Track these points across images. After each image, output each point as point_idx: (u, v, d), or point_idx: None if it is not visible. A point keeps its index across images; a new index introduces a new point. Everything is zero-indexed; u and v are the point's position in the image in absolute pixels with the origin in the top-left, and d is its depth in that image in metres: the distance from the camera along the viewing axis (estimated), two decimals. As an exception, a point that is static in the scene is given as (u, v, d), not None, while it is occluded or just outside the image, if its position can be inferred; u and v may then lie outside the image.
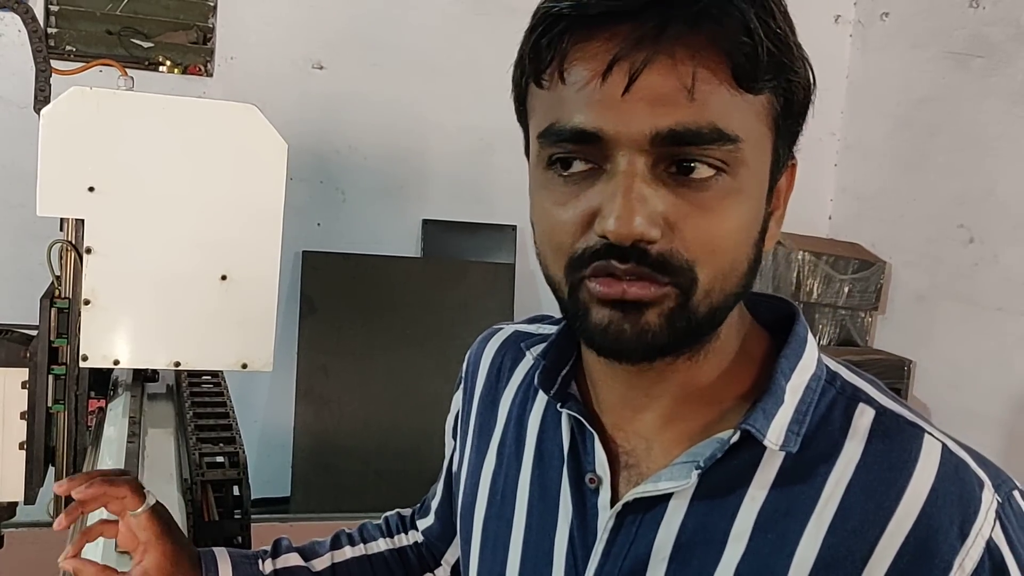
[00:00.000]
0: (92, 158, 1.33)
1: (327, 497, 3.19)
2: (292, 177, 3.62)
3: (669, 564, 0.65)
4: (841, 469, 0.62)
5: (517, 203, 3.54)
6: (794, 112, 0.62)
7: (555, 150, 0.61)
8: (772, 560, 0.62)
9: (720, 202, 0.59)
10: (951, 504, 0.60)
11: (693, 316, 0.60)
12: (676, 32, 0.56)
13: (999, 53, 3.10)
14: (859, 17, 3.80)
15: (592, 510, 0.69)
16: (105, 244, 1.35)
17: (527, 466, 0.75)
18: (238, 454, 1.14)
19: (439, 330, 3.37)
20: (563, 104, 0.59)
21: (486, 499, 0.78)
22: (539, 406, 0.76)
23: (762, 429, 0.62)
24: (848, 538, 0.61)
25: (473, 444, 0.82)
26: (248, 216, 1.41)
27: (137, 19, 3.16)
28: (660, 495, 0.65)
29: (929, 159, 3.39)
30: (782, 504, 0.63)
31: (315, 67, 3.28)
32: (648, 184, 0.58)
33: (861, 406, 0.65)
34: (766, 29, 0.57)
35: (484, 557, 0.78)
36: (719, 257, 0.60)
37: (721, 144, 0.57)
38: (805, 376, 0.66)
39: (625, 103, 0.57)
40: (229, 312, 1.41)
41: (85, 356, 1.35)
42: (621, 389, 0.68)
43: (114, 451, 1.15)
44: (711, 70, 0.57)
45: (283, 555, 0.95)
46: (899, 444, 0.63)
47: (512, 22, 3.33)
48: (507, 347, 0.83)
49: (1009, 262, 3.04)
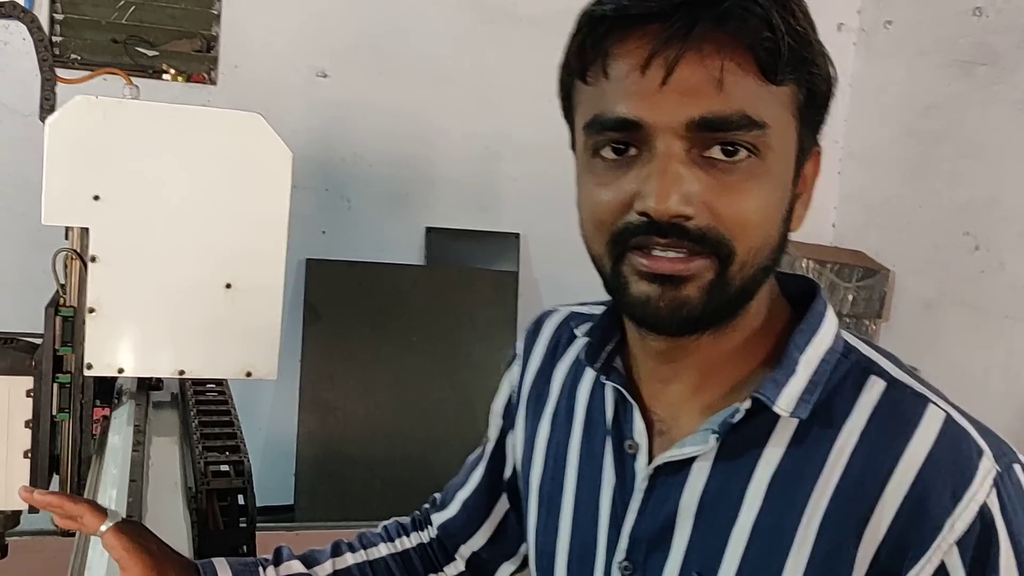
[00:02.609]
0: (97, 167, 1.33)
1: (332, 505, 3.18)
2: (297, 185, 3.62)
3: (695, 520, 0.72)
4: (847, 435, 0.68)
5: (521, 211, 3.57)
6: (816, 103, 0.68)
7: (599, 138, 0.67)
8: (784, 518, 0.68)
9: (751, 183, 0.65)
10: (946, 469, 0.64)
11: (728, 289, 0.66)
12: (704, 30, 0.62)
13: (1004, 61, 3.10)
14: (862, 25, 3.80)
15: (630, 473, 0.76)
16: (110, 253, 1.34)
17: (576, 434, 0.83)
18: (243, 463, 1.14)
19: (443, 338, 3.37)
20: (606, 96, 0.66)
21: (541, 463, 0.87)
22: (588, 380, 0.84)
23: (772, 397, 0.68)
24: (851, 499, 0.66)
25: (528, 414, 0.90)
26: (253, 224, 1.41)
27: (142, 28, 3.17)
28: (685, 459, 0.72)
29: (934, 167, 3.38)
30: (793, 467, 0.69)
31: (319, 75, 3.29)
32: (684, 166, 0.64)
33: (872, 378, 0.70)
34: (787, 26, 0.63)
35: (540, 514, 0.86)
36: (752, 232, 0.65)
37: (749, 130, 0.64)
38: (821, 349, 0.71)
39: (662, 94, 0.63)
40: (234, 320, 1.40)
41: (90, 364, 1.35)
42: (652, 363, 0.75)
43: (119, 460, 1.15)
44: (738, 63, 0.63)
45: (285, 562, 0.95)
46: (902, 412, 0.67)
47: (517, 31, 3.35)
48: (563, 327, 0.90)
49: (1016, 269, 3.03)
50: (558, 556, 0.84)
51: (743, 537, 0.70)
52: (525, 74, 3.45)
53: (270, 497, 3.34)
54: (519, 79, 3.43)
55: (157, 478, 1.10)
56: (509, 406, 0.95)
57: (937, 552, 0.63)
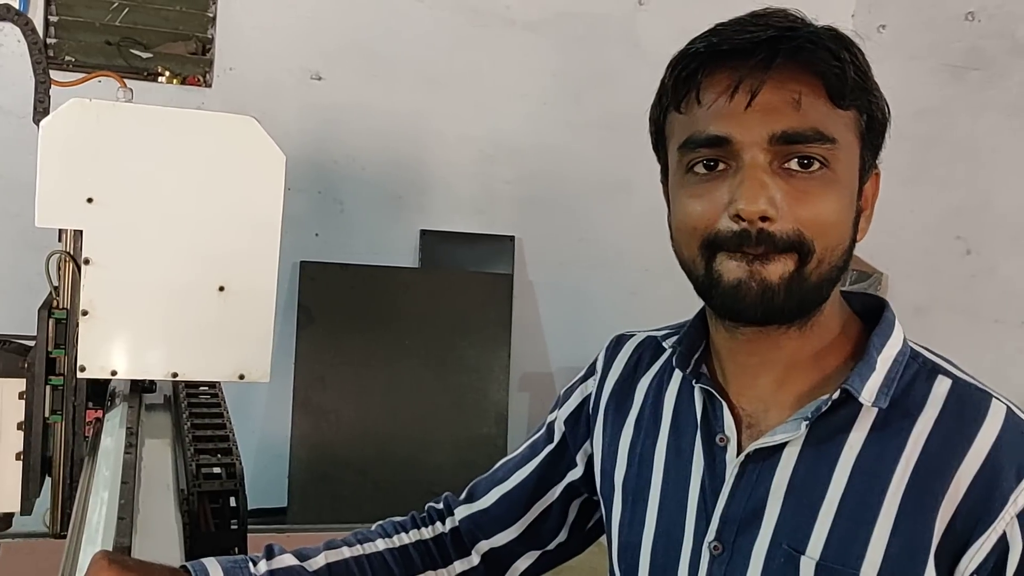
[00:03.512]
0: (91, 169, 1.33)
1: (324, 508, 3.18)
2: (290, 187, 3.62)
3: (784, 501, 0.81)
4: (923, 424, 0.78)
5: (516, 214, 3.57)
6: (875, 128, 0.81)
7: (693, 155, 0.79)
8: (868, 496, 0.78)
9: (825, 190, 0.77)
10: (1012, 452, 0.76)
11: (807, 282, 0.77)
12: (781, 62, 0.75)
13: (995, 66, 3.12)
14: (856, 29, 3.75)
15: (721, 463, 0.86)
16: (103, 255, 1.35)
17: (664, 434, 0.93)
18: (235, 465, 1.14)
19: (437, 340, 3.37)
20: (698, 120, 0.79)
21: (625, 463, 0.96)
22: (674, 386, 0.94)
23: (858, 389, 0.79)
24: (929, 477, 0.76)
25: (607, 423, 0.99)
26: (246, 227, 1.41)
27: (136, 30, 3.17)
28: (776, 445, 0.82)
29: (926, 171, 3.39)
30: (875, 451, 0.79)
31: (314, 78, 3.29)
32: (768, 176, 0.76)
33: (940, 377, 0.81)
34: (851, 59, 0.76)
35: (625, 509, 0.95)
36: (829, 232, 0.77)
37: (822, 143, 0.76)
38: (893, 351, 0.82)
39: (747, 115, 0.76)
40: (227, 323, 1.41)
41: (83, 367, 1.35)
42: (742, 358, 0.85)
43: (111, 462, 1.15)
44: (811, 88, 0.76)
45: (277, 556, 0.95)
46: (971, 405, 0.78)
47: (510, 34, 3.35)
48: (644, 347, 1.01)
49: (1007, 273, 3.05)
50: (643, 545, 0.92)
51: (831, 513, 0.79)
52: (518, 77, 3.47)
53: (263, 499, 3.34)
54: (512, 82, 3.44)
55: (149, 480, 1.10)
56: (580, 415, 1.04)
57: (1001, 523, 0.74)
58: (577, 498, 1.05)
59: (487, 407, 3.38)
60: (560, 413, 1.06)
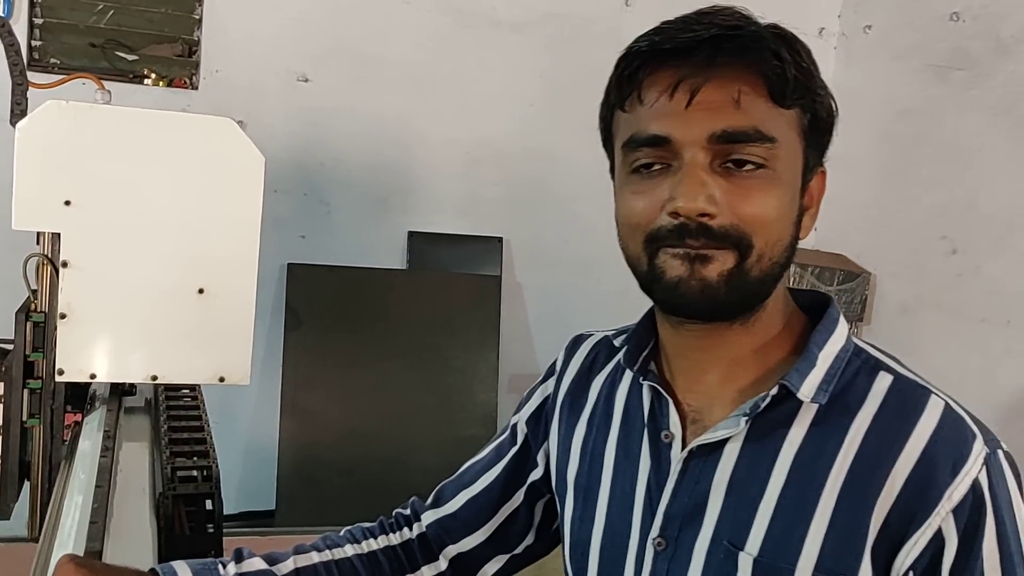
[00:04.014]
0: (68, 172, 1.33)
1: (312, 510, 3.17)
2: (276, 189, 3.61)
3: (725, 497, 0.82)
4: (862, 420, 0.79)
5: (503, 215, 3.57)
6: (819, 127, 0.81)
7: (636, 154, 0.80)
8: (806, 492, 0.79)
9: (765, 188, 0.78)
10: (947, 448, 0.76)
11: (747, 277, 0.78)
12: (723, 61, 0.76)
13: (980, 66, 3.13)
14: (843, 30, 3.83)
15: (666, 460, 0.87)
16: (81, 258, 1.34)
17: (614, 432, 0.94)
18: (211, 467, 1.14)
19: (425, 342, 3.37)
20: (641, 119, 0.80)
21: (577, 461, 0.97)
22: (624, 384, 0.95)
23: (797, 385, 0.80)
24: (866, 473, 0.77)
25: (562, 422, 1.01)
26: (225, 229, 1.41)
27: (122, 32, 3.16)
28: (718, 441, 0.83)
29: (912, 170, 3.40)
30: (814, 446, 0.80)
31: (300, 80, 3.28)
32: (707, 174, 0.77)
33: (881, 373, 0.82)
34: (793, 58, 0.77)
35: (576, 506, 0.95)
36: (768, 230, 0.78)
37: (762, 142, 0.77)
38: (835, 347, 0.83)
39: (688, 113, 0.77)
40: (206, 325, 1.40)
41: (61, 370, 1.34)
42: (689, 354, 0.86)
43: (87, 465, 1.14)
44: (752, 87, 0.76)
45: (246, 560, 0.95)
46: (909, 400, 0.79)
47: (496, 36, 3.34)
48: (600, 346, 1.02)
49: (992, 273, 3.05)
50: (593, 542, 0.93)
51: (770, 508, 0.80)
52: (505, 79, 3.46)
53: (251, 502, 3.34)
54: (499, 84, 3.44)
55: (125, 484, 1.10)
56: (541, 416, 1.05)
57: (936, 518, 0.75)
58: (541, 499, 1.06)
59: (475, 409, 3.38)
60: (522, 414, 1.07)
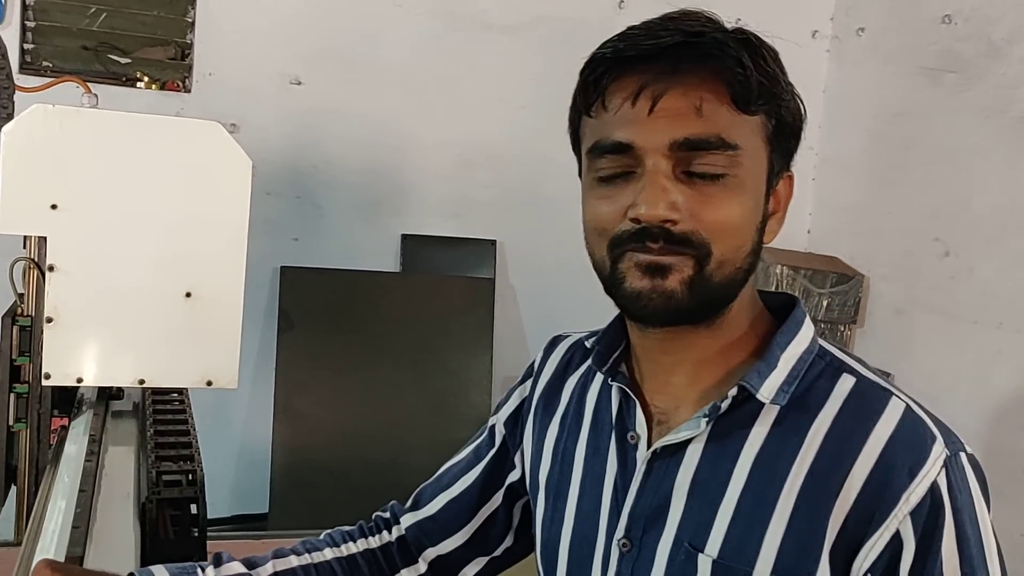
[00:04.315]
0: (55, 176, 1.33)
1: (305, 513, 3.17)
2: (269, 192, 3.61)
3: (688, 498, 0.82)
4: (822, 421, 0.79)
5: (497, 218, 3.57)
6: (785, 132, 0.81)
7: (600, 160, 0.81)
8: (765, 493, 0.79)
9: (727, 194, 0.77)
10: (905, 449, 0.76)
11: (708, 284, 0.78)
12: (687, 68, 0.76)
13: (971, 68, 3.13)
14: (836, 33, 3.83)
15: (632, 461, 0.87)
16: (68, 262, 1.34)
17: (584, 432, 0.94)
18: (196, 471, 1.13)
19: (418, 345, 3.37)
20: (605, 125, 0.80)
21: (549, 462, 0.97)
22: (596, 386, 0.95)
23: (756, 386, 0.80)
24: (825, 474, 0.77)
25: (536, 422, 1.01)
26: (213, 233, 1.41)
27: (114, 35, 3.16)
28: (681, 442, 0.83)
29: (905, 173, 3.41)
30: (775, 448, 0.80)
31: (293, 83, 3.28)
32: (669, 181, 0.77)
33: (844, 375, 0.82)
34: (757, 65, 0.77)
35: (547, 507, 0.96)
36: (729, 236, 0.78)
37: (724, 150, 0.77)
38: (799, 349, 0.83)
39: (650, 121, 0.77)
40: (194, 329, 1.40)
41: (48, 374, 1.34)
42: (656, 356, 0.87)
43: (72, 469, 1.14)
44: (715, 95, 0.76)
45: (225, 564, 0.95)
46: (870, 402, 0.79)
47: (488, 38, 3.34)
48: (575, 348, 1.02)
49: (984, 275, 3.06)
50: (562, 542, 0.93)
51: (729, 510, 0.80)
52: (496, 82, 3.47)
53: (245, 505, 3.33)
54: (490, 87, 3.44)
55: (110, 488, 1.10)
56: (518, 417, 1.05)
57: (894, 521, 0.74)
58: (519, 501, 1.06)
59: (468, 411, 3.37)
60: (500, 416, 1.07)
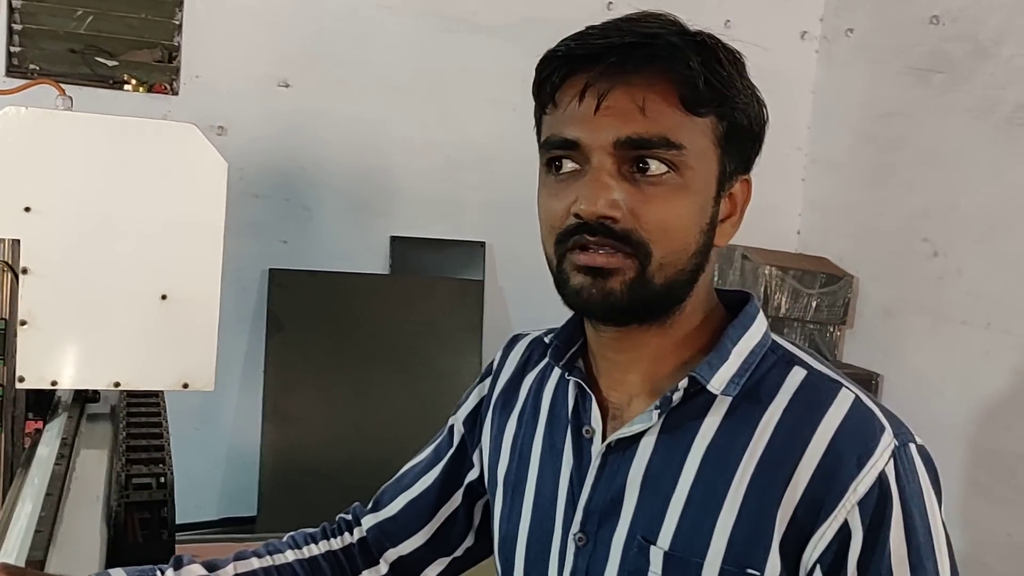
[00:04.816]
0: (28, 178, 1.33)
1: (294, 515, 3.15)
2: (257, 195, 3.61)
3: (640, 491, 0.83)
4: (772, 412, 0.80)
5: (486, 220, 3.57)
6: (739, 135, 0.81)
7: (550, 156, 0.82)
8: (716, 484, 0.79)
9: (670, 195, 0.78)
10: (854, 440, 0.76)
11: (650, 285, 0.78)
12: (633, 68, 0.77)
13: (959, 69, 3.13)
14: (825, 33, 3.83)
15: (587, 455, 0.88)
16: (42, 264, 1.34)
17: (541, 427, 0.94)
18: (166, 475, 1.13)
19: (407, 347, 3.36)
20: (556, 123, 0.82)
21: (507, 458, 0.97)
22: (553, 381, 0.96)
23: (707, 377, 0.81)
24: (774, 465, 0.77)
25: (494, 419, 1.01)
26: (189, 235, 1.41)
27: (101, 37, 3.15)
28: (634, 436, 0.84)
29: (893, 173, 3.41)
30: (725, 439, 0.80)
31: (281, 85, 3.28)
32: (613, 178, 0.77)
33: (796, 368, 0.83)
34: (709, 67, 0.77)
35: (505, 501, 0.96)
36: (671, 237, 0.78)
37: (668, 149, 0.77)
38: (751, 343, 0.84)
39: (596, 119, 0.78)
40: (169, 331, 1.40)
41: (22, 377, 1.34)
42: (610, 354, 0.87)
43: (42, 473, 1.14)
44: (663, 96, 0.77)
45: (186, 567, 0.95)
46: (819, 393, 0.80)
47: (477, 41, 3.34)
48: (534, 345, 1.03)
49: (972, 276, 3.06)
50: (519, 538, 0.93)
51: (680, 502, 0.81)
52: (485, 83, 3.46)
53: (233, 508, 3.33)
54: (480, 88, 3.44)
55: (79, 491, 1.09)
56: (477, 416, 1.05)
57: (842, 511, 0.75)
58: (479, 500, 1.06)
59: (458, 413, 3.37)
60: (459, 415, 1.08)
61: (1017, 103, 2.93)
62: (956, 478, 2.95)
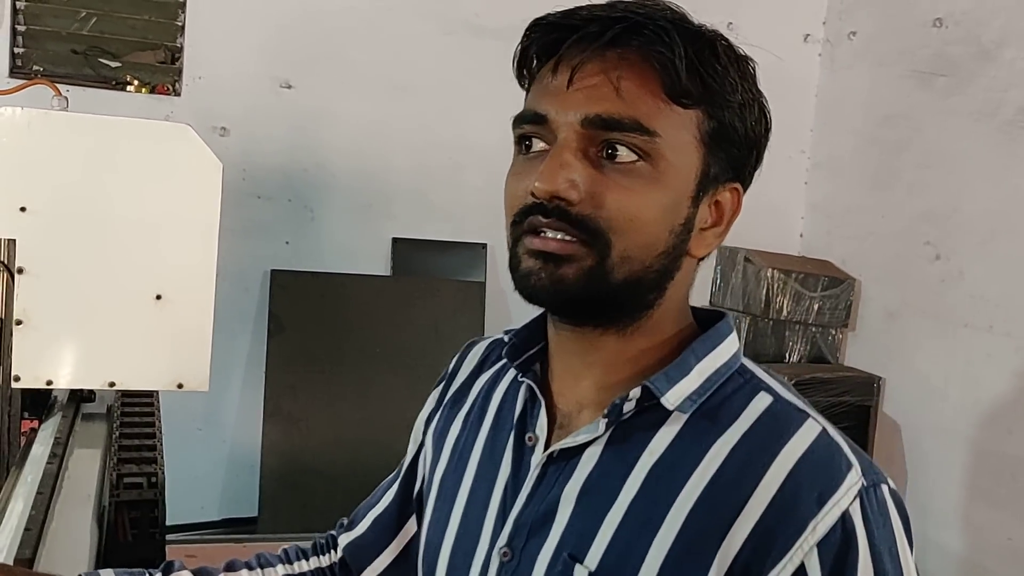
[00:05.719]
0: (23, 178, 1.33)
1: (295, 516, 3.17)
2: (260, 196, 3.61)
3: (575, 505, 0.76)
4: (730, 435, 0.72)
5: (487, 221, 3.56)
6: (728, 137, 0.75)
7: (519, 131, 0.76)
8: (657, 504, 0.72)
9: (638, 184, 0.71)
10: (815, 474, 0.69)
11: (608, 279, 0.72)
12: (611, 42, 0.71)
13: (962, 72, 3.12)
14: (828, 36, 3.83)
15: (526, 464, 0.81)
16: (37, 264, 1.35)
17: (484, 430, 0.87)
18: (157, 474, 1.13)
19: (409, 348, 3.36)
20: (530, 97, 0.76)
21: (447, 458, 0.90)
22: (505, 383, 0.89)
23: (662, 390, 0.74)
24: (725, 488, 0.70)
25: (442, 419, 0.94)
26: (183, 235, 1.41)
27: (104, 39, 3.16)
28: (578, 447, 0.77)
29: (896, 176, 3.40)
30: (675, 458, 0.73)
31: (283, 86, 3.29)
32: (576, 158, 0.71)
33: (762, 394, 0.75)
34: (700, 57, 0.72)
35: (437, 506, 0.89)
36: (635, 230, 0.72)
37: (639, 134, 0.71)
38: (717, 362, 0.77)
39: (568, 94, 0.72)
40: (164, 332, 1.41)
41: (17, 377, 1.34)
42: (566, 357, 0.81)
43: (35, 472, 1.14)
44: (641, 78, 0.71)
45: (176, 572, 0.94)
46: (783, 421, 0.73)
47: (478, 42, 3.36)
48: (494, 346, 0.95)
49: (974, 279, 3.05)
50: (443, 546, 0.86)
51: (615, 521, 0.73)
52: (487, 84, 3.45)
53: (234, 509, 3.33)
54: (481, 89, 3.43)
55: (71, 490, 1.10)
56: (430, 420, 0.97)
57: (799, 552, 0.66)
58: None
59: (459, 415, 3.37)
60: (417, 423, 1.01)
61: (1019, 106, 2.92)
62: (957, 481, 2.94)
